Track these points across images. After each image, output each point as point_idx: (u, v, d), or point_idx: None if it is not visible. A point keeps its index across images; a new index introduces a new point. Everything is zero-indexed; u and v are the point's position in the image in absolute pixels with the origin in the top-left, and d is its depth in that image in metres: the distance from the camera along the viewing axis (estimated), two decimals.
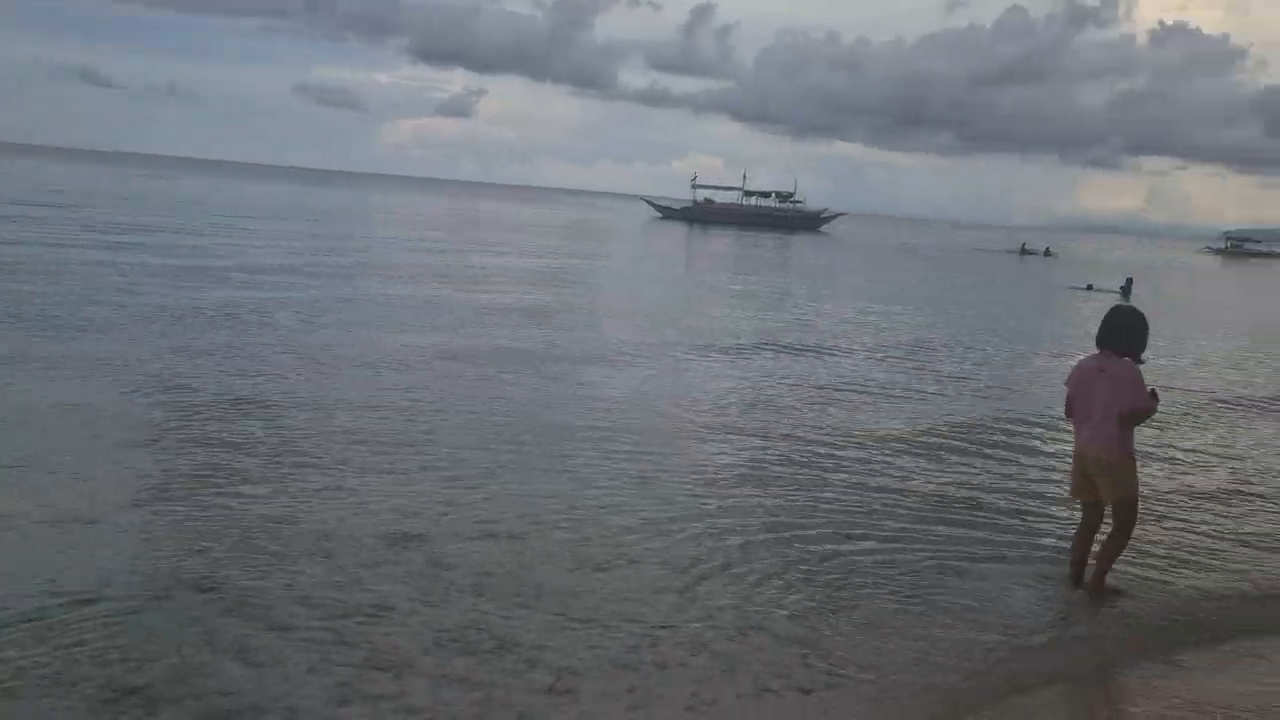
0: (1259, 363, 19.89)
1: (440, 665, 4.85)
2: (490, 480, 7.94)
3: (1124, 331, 6.18)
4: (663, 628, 5.44)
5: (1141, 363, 6.23)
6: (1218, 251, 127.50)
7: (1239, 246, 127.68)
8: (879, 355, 16.86)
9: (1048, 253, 78.21)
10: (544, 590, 5.83)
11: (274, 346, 13.11)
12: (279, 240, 33.93)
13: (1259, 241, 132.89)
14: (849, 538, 7.16)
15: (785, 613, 5.78)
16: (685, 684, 4.85)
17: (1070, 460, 6.69)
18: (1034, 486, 9.09)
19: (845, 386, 13.52)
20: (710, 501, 7.78)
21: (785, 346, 16.86)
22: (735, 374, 13.97)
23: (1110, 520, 6.43)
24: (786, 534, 7.13)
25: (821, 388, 13.30)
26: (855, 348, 17.53)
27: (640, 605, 5.71)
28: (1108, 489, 6.25)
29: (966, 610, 6.03)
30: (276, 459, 8.08)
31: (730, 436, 10.06)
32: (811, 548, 6.88)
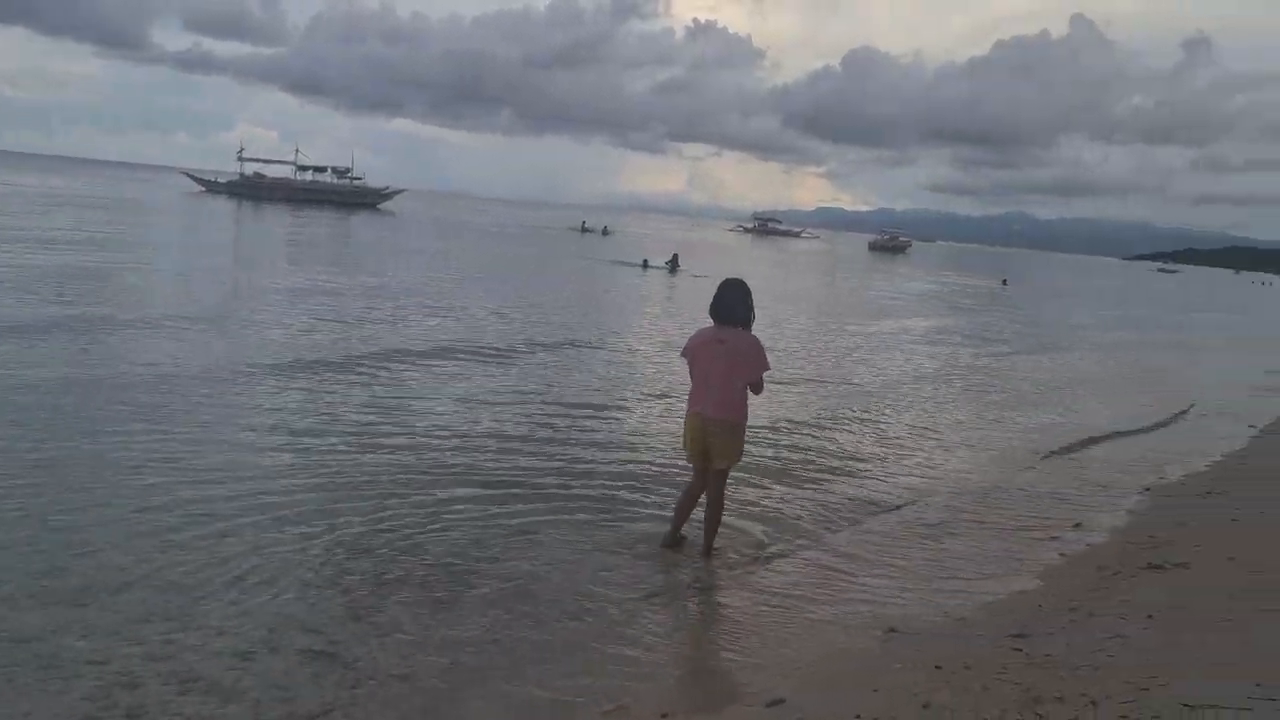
0: (788, 330, 21.95)
1: None
2: None
3: (737, 304, 6.48)
4: (145, 664, 4.56)
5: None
6: (747, 230, 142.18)
7: (764, 226, 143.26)
8: (444, 343, 16.01)
9: (605, 231, 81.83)
10: None
11: None
12: None
13: (780, 221, 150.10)
14: (384, 532, 6.61)
15: (300, 625, 5.12)
16: None
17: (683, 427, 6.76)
18: (591, 459, 9.11)
19: (407, 385, 12.58)
20: (221, 509, 6.82)
21: (340, 355, 14.76)
22: (282, 385, 12.13)
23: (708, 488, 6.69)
24: (312, 534, 6.45)
25: (379, 389, 12.25)
26: (418, 339, 16.29)
27: (119, 641, 4.77)
28: (724, 453, 6.49)
29: (518, 593, 5.76)
30: None
31: (261, 446, 8.86)
32: (340, 547, 6.26)
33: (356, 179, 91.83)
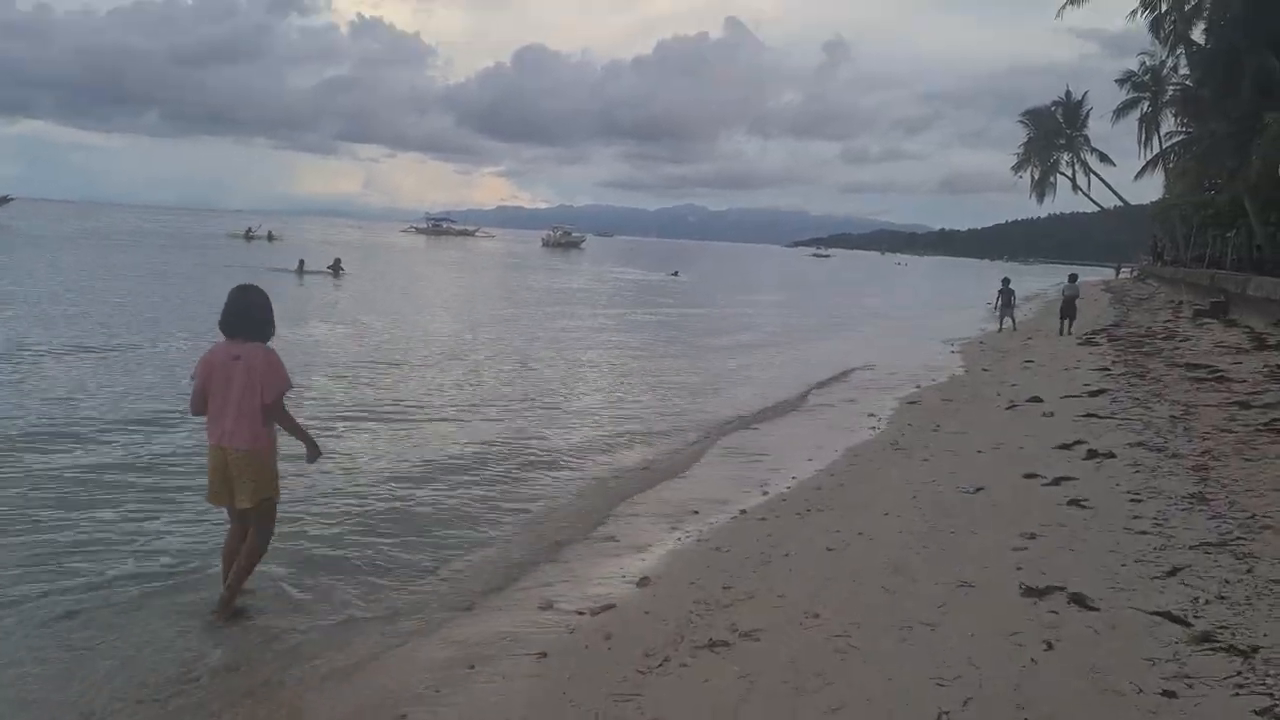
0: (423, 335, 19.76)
1: None
2: None
3: (252, 315, 5.59)
4: None
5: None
6: (420, 231, 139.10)
7: (438, 225, 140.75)
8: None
9: (271, 237, 77.53)
10: None
11: None
12: None
13: (454, 221, 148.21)
14: None
15: None
16: None
17: (206, 463, 5.66)
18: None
19: None
20: None
21: None
22: None
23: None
24: None
25: None
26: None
27: None
28: (249, 488, 5.53)
29: None
30: None
31: None
32: None
33: None
